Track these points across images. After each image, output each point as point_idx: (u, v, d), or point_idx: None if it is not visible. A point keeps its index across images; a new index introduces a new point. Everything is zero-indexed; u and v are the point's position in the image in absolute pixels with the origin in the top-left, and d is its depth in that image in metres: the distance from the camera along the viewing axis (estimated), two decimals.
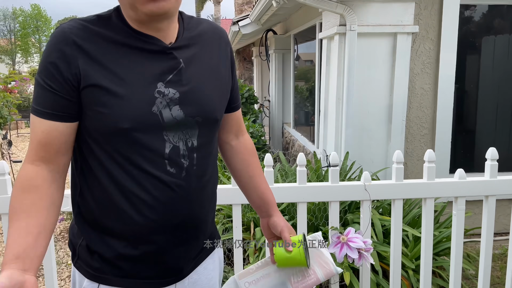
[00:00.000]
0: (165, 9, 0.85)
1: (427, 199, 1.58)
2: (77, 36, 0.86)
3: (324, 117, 3.71)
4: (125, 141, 0.88)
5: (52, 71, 0.85)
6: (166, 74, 0.91)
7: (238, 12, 11.55)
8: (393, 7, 3.16)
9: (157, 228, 0.92)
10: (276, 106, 6.79)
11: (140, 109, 0.87)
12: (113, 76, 0.86)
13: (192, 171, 0.94)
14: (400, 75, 3.24)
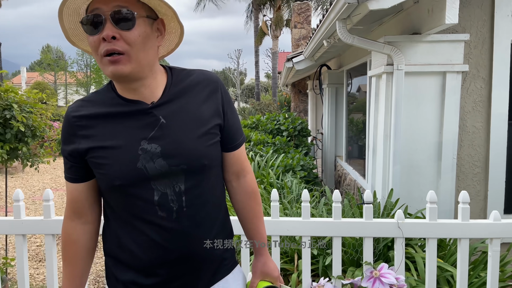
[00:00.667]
0: (123, 72, 0.98)
1: (461, 239, 1.62)
2: (76, 117, 1.07)
3: (373, 152, 3.76)
4: (120, 195, 1.06)
5: (67, 149, 1.09)
6: (148, 132, 1.04)
7: (295, 47, 11.90)
8: (441, 46, 3.20)
9: (159, 264, 1.08)
10: (329, 139, 6.87)
11: (126, 167, 1.03)
12: (104, 145, 1.05)
13: (183, 212, 1.06)
14: (450, 113, 3.24)
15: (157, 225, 1.06)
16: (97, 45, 0.98)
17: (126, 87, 1.05)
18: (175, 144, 1.05)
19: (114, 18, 0.96)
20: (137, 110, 1.05)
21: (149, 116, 1.05)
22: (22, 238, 1.80)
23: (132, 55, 0.98)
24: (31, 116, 2.62)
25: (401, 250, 1.63)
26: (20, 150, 2.63)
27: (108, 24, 0.96)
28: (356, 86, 5.52)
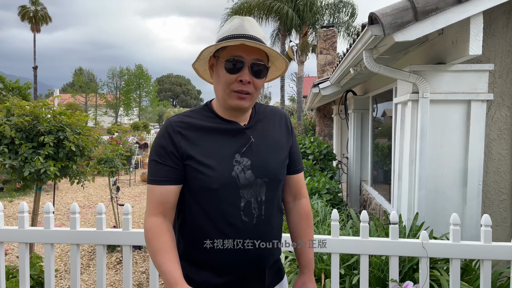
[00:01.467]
0: (244, 106, 1.26)
1: (484, 261, 1.70)
2: (180, 127, 1.27)
3: (398, 177, 3.84)
4: (212, 198, 1.24)
5: (167, 152, 1.24)
6: (241, 147, 1.28)
7: (320, 72, 12.11)
8: (466, 76, 3.31)
9: (235, 263, 1.26)
10: (354, 163, 6.94)
11: (223, 174, 1.24)
12: (205, 153, 1.25)
13: (261, 220, 1.28)
14: (475, 140, 3.31)
15: (239, 228, 1.25)
16: (231, 82, 1.24)
17: (232, 113, 1.30)
18: (261, 160, 1.30)
19: (252, 67, 1.24)
20: (234, 129, 1.30)
21: (242, 135, 1.30)
22: (76, 247, 1.99)
23: (254, 96, 1.27)
24: (80, 137, 2.88)
25: (426, 269, 1.73)
26: (70, 168, 2.88)
27: (246, 70, 1.23)
28: (381, 112, 5.63)
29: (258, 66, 1.24)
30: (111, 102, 41.91)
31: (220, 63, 1.25)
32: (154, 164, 1.27)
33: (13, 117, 2.65)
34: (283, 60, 1.33)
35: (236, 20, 1.28)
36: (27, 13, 37.47)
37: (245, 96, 1.25)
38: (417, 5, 2.81)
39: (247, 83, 1.24)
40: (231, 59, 1.22)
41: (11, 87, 8.71)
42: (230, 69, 1.23)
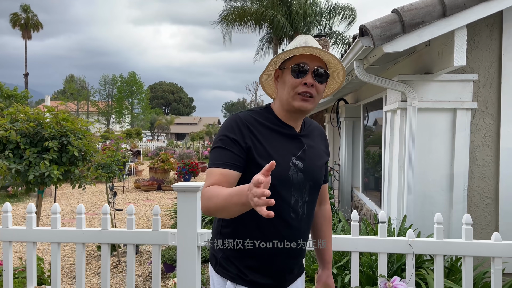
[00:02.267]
0: (307, 108, 1.41)
1: (466, 257, 1.84)
2: (248, 122, 1.41)
3: (388, 182, 3.98)
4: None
5: (233, 140, 1.36)
6: (297, 151, 1.44)
7: None
8: (451, 85, 3.47)
9: (278, 252, 1.42)
10: (346, 170, 7.09)
11: (282, 173, 1.38)
12: (268, 149, 1.39)
13: (303, 217, 1.45)
14: (460, 147, 3.47)
15: (287, 222, 1.41)
16: (296, 85, 1.39)
17: (294, 116, 1.46)
18: (310, 166, 1.47)
19: (315, 72, 1.40)
20: (292, 134, 1.46)
21: (298, 141, 1.47)
22: (82, 246, 2.08)
23: (316, 99, 1.43)
24: (82, 142, 2.98)
25: (412, 265, 1.86)
26: (72, 172, 2.97)
27: (309, 75, 1.39)
28: (372, 120, 5.79)
29: (321, 72, 1.41)
30: (102, 109, 41.78)
31: (286, 70, 1.42)
32: (218, 151, 1.37)
33: (17, 122, 2.75)
34: (341, 70, 1.48)
35: (301, 37, 1.47)
36: (18, 20, 37.43)
37: (308, 99, 1.40)
38: (404, 19, 2.97)
39: (310, 86, 1.39)
40: (297, 65, 1.39)
41: (7, 94, 8.76)
42: (295, 73, 1.39)
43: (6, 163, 2.56)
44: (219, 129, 1.44)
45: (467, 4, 2.90)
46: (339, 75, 1.51)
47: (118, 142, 4.72)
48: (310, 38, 1.46)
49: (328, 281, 1.62)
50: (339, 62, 1.44)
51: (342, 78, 1.51)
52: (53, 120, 2.88)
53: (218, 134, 1.42)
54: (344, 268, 2.74)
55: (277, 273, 1.45)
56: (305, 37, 1.46)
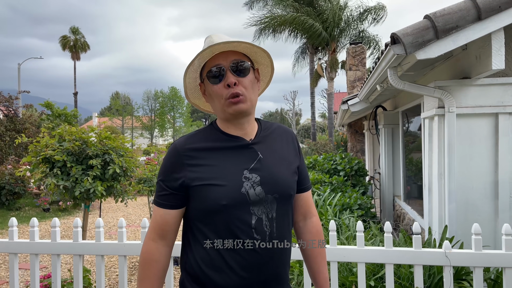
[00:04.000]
0: (243, 109, 1.25)
1: (506, 269, 1.77)
2: (183, 151, 1.26)
3: (429, 191, 3.87)
4: (222, 215, 1.21)
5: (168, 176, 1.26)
6: (249, 163, 1.26)
7: (350, 88, 12.18)
8: (492, 89, 3.35)
9: (248, 284, 1.22)
10: (387, 179, 6.93)
11: (232, 191, 1.21)
12: (213, 172, 1.24)
13: (273, 237, 1.24)
14: (504, 153, 3.33)
15: (252, 246, 1.22)
16: (221, 92, 1.25)
17: (235, 123, 1.29)
18: (270, 176, 1.27)
19: (233, 68, 1.25)
20: (240, 145, 1.29)
21: (250, 151, 1.29)
22: (124, 258, 2.19)
23: (247, 96, 1.25)
24: (123, 159, 3.14)
25: (449, 277, 1.81)
26: (115, 188, 3.14)
27: (228, 73, 1.24)
28: (411, 127, 5.66)
29: (238, 65, 1.26)
30: (146, 124, 43.20)
31: (206, 81, 1.29)
32: (159, 186, 1.31)
33: (64, 142, 2.95)
34: (262, 53, 1.33)
35: (208, 39, 1.32)
36: (68, 43, 39.62)
37: (238, 99, 1.24)
38: (437, 24, 2.91)
39: (233, 85, 1.24)
40: (211, 70, 1.25)
41: (58, 113, 9.30)
42: (213, 79, 1.25)
43: (54, 180, 2.75)
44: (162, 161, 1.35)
45: (503, 6, 2.81)
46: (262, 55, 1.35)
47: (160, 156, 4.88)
48: (215, 35, 1.30)
49: None
50: (250, 45, 1.28)
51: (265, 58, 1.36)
52: (96, 139, 3.06)
53: (160, 167, 1.33)
54: (382, 279, 2.69)
55: None
56: (210, 38, 1.31)
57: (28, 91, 12.24)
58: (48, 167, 2.85)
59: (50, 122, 8.37)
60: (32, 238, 2.32)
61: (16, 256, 2.35)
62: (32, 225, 2.32)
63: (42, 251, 2.27)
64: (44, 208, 9.48)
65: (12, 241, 2.32)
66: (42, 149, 2.89)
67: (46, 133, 3.09)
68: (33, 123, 12.47)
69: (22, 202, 10.22)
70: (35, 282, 2.31)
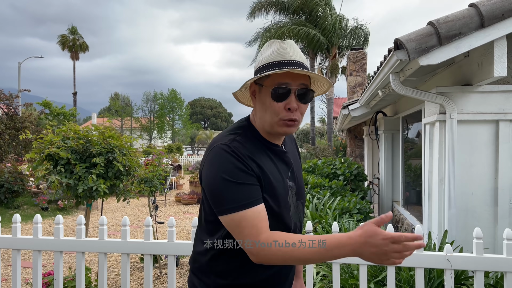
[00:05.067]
0: (292, 132, 1.26)
1: (507, 273, 1.79)
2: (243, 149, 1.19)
3: (429, 197, 3.89)
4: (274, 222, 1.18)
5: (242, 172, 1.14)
6: (287, 172, 1.29)
7: (350, 93, 12.22)
8: (493, 96, 3.38)
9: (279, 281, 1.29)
10: (386, 184, 6.96)
11: (284, 197, 1.23)
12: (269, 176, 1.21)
13: None
14: (505, 160, 3.35)
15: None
16: (280, 111, 1.20)
17: (275, 137, 1.29)
18: (299, 184, 1.33)
19: (299, 93, 1.21)
20: (281, 151, 1.30)
21: (286, 159, 1.31)
22: (127, 256, 2.20)
23: (300, 121, 1.25)
24: (126, 158, 3.15)
25: (450, 280, 1.83)
26: (118, 187, 3.15)
27: (293, 97, 1.20)
28: (412, 133, 5.69)
29: (305, 92, 1.22)
30: (145, 125, 43.16)
31: (266, 90, 1.22)
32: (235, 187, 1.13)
33: (68, 140, 2.96)
34: (326, 82, 1.31)
35: (277, 45, 1.25)
36: (67, 42, 39.68)
37: (293, 123, 1.22)
38: (440, 31, 2.95)
39: (294, 111, 1.21)
40: (278, 88, 1.19)
41: (57, 112, 9.31)
42: (277, 97, 1.20)
43: (58, 177, 2.76)
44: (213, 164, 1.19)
45: (506, 14, 2.84)
46: (323, 85, 1.33)
47: (160, 157, 4.91)
48: (289, 45, 1.24)
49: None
50: (324, 78, 1.28)
51: (326, 87, 1.34)
52: (100, 137, 3.08)
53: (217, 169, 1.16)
54: (381, 283, 2.71)
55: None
56: (282, 46, 1.24)
57: (29, 89, 12.24)
58: (51, 164, 2.87)
59: (49, 121, 8.38)
60: (35, 234, 2.32)
61: (19, 252, 2.36)
62: (36, 221, 2.33)
63: (46, 248, 2.28)
64: (43, 207, 9.47)
65: (15, 237, 2.33)
66: (46, 146, 2.90)
67: (50, 130, 3.11)
68: (32, 122, 12.47)
69: (20, 201, 10.20)
70: (37, 278, 2.32)
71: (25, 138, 9.96)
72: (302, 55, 1.26)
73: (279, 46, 1.23)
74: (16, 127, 11.58)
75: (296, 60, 1.20)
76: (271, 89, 1.20)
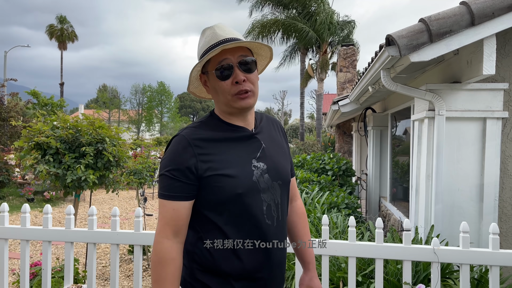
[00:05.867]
0: (250, 104, 1.29)
1: (492, 266, 1.83)
2: (195, 140, 1.25)
3: (416, 192, 3.95)
4: (235, 204, 1.25)
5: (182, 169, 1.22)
6: (255, 153, 1.31)
7: (340, 90, 12.27)
8: (481, 94, 3.43)
9: (260, 268, 1.29)
10: (373, 180, 7.03)
11: (246, 180, 1.26)
12: (225, 162, 1.26)
13: (279, 222, 1.33)
14: (491, 157, 3.41)
15: (265, 231, 1.30)
16: (229, 88, 1.26)
17: (241, 115, 1.33)
18: (274, 164, 1.35)
19: (241, 65, 1.26)
20: (245, 136, 1.33)
21: (254, 140, 1.34)
22: (116, 247, 2.19)
23: (254, 91, 1.29)
24: (116, 148, 3.13)
25: (437, 273, 1.86)
26: (107, 177, 3.13)
27: (237, 70, 1.25)
28: (400, 129, 5.75)
29: (246, 62, 1.27)
30: (133, 118, 42.81)
31: (211, 75, 1.28)
32: (167, 179, 1.24)
33: (58, 129, 2.93)
34: (266, 48, 1.35)
35: (208, 31, 1.31)
36: (55, 32, 39.02)
37: (246, 95, 1.27)
38: (431, 28, 2.97)
39: (242, 82, 1.26)
40: (219, 67, 1.25)
41: (44, 102, 9.18)
42: (222, 76, 1.25)
43: (46, 167, 2.73)
44: (166, 153, 1.30)
45: (496, 13, 2.88)
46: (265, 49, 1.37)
47: (149, 150, 4.88)
48: (218, 28, 1.30)
49: (311, 284, 1.47)
50: (261, 44, 1.31)
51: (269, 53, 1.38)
52: (90, 128, 3.05)
53: (165, 157, 1.28)
54: (369, 276, 2.74)
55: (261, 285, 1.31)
56: (212, 30, 1.30)
57: (15, 79, 12.02)
58: (40, 153, 2.83)
59: (38, 111, 8.27)
60: (23, 224, 2.30)
61: (6, 242, 2.33)
62: (24, 211, 2.31)
63: (34, 238, 2.26)
64: (28, 198, 9.36)
65: (3, 227, 2.30)
66: (35, 134, 2.87)
67: (41, 119, 3.06)
68: (18, 112, 12.27)
69: (6, 192, 10.06)
70: (25, 268, 2.30)
71: (12, 128, 9.81)
72: (235, 32, 1.32)
73: (209, 32, 1.30)
74: (2, 117, 11.40)
75: (227, 37, 1.27)
76: (214, 71, 1.27)
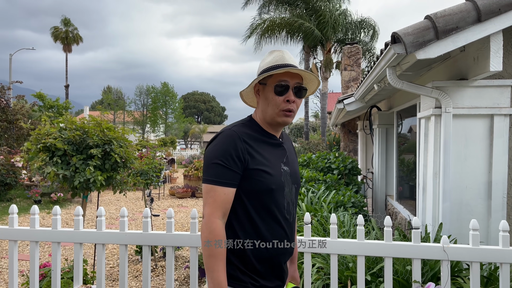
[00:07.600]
0: (290, 122, 1.59)
1: (502, 264, 1.82)
2: (243, 136, 1.52)
3: (423, 190, 3.93)
4: (267, 197, 1.51)
5: (234, 158, 1.46)
6: (282, 158, 1.60)
7: (344, 88, 12.24)
8: (488, 91, 3.41)
9: (277, 254, 1.55)
10: (379, 178, 7.00)
11: (278, 178, 1.53)
12: (265, 160, 1.53)
13: (293, 218, 1.62)
14: (499, 154, 3.39)
15: (283, 225, 1.57)
16: (280, 103, 1.53)
17: (276, 128, 1.61)
18: (294, 170, 1.65)
19: (296, 89, 1.56)
20: (276, 143, 1.63)
21: (281, 148, 1.64)
22: (125, 247, 2.19)
23: (295, 113, 1.58)
24: (123, 149, 3.14)
25: (447, 271, 1.85)
26: (114, 178, 3.14)
27: (290, 92, 1.54)
28: (406, 127, 5.72)
29: (299, 88, 1.56)
30: (138, 119, 42.89)
31: (269, 88, 1.55)
32: (220, 167, 1.46)
33: (65, 131, 2.94)
34: (316, 81, 1.64)
35: (277, 52, 1.60)
36: (60, 34, 39.19)
37: (291, 114, 1.56)
38: (437, 25, 2.96)
39: (292, 102, 1.54)
40: (279, 84, 1.53)
41: (50, 105, 9.22)
42: (279, 92, 1.53)
43: (54, 169, 2.75)
44: (216, 144, 1.52)
45: (502, 9, 2.86)
46: (314, 84, 1.66)
47: (154, 150, 4.90)
48: (286, 53, 1.59)
49: (294, 274, 1.77)
50: (315, 77, 1.59)
51: (316, 86, 1.67)
52: (97, 129, 3.06)
53: (216, 150, 1.49)
54: (377, 275, 2.73)
55: (279, 275, 1.57)
56: (281, 53, 1.59)
57: (21, 81, 12.09)
58: (48, 155, 2.85)
59: (42, 113, 8.32)
60: (32, 225, 2.31)
61: (16, 243, 2.34)
62: (33, 212, 2.32)
63: (44, 239, 2.28)
64: (36, 200, 9.41)
65: (13, 228, 2.32)
66: (43, 137, 2.88)
67: (48, 121, 3.08)
68: (24, 114, 12.35)
69: (13, 194, 10.13)
70: (35, 269, 2.31)
71: (18, 130, 9.86)
72: (296, 61, 1.62)
73: (278, 53, 1.59)
74: (8, 120, 11.47)
75: (292, 63, 1.57)
76: (273, 85, 1.54)
